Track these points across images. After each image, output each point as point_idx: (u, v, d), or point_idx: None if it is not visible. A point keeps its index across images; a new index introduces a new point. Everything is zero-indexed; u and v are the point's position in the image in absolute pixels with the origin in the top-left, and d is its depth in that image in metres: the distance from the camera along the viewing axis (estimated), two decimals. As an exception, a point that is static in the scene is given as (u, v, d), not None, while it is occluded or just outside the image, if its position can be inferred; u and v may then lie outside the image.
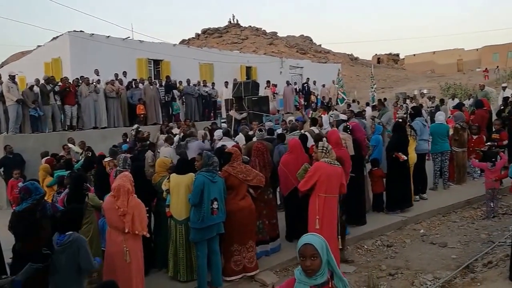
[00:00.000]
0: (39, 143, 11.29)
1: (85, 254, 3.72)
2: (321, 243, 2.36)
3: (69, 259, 3.70)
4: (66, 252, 3.71)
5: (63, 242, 3.72)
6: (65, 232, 3.76)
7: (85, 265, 3.73)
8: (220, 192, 5.12)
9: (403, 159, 7.41)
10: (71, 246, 3.70)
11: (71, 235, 3.74)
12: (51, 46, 18.62)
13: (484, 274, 4.89)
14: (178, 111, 15.37)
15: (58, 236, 3.79)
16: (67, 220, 3.86)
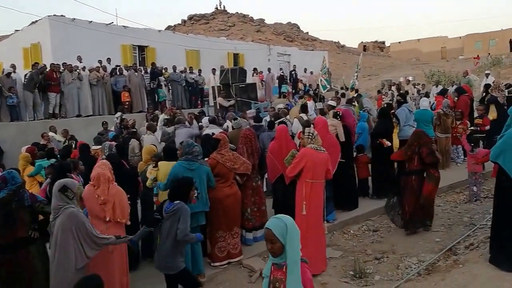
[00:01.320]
0: (19, 132, 11.03)
1: (183, 225, 3.95)
2: (282, 227, 2.42)
3: (172, 226, 3.98)
4: (171, 219, 4.00)
5: (169, 210, 4.01)
6: (174, 201, 4.03)
7: (179, 234, 3.94)
8: (202, 180, 4.99)
9: (387, 145, 7.49)
10: (175, 215, 3.98)
11: (177, 204, 4.02)
12: (29, 31, 18.10)
13: (466, 256, 5.00)
14: (164, 98, 15.18)
15: (167, 204, 4.09)
16: (177, 189, 4.16)
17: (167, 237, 4.02)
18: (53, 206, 3.83)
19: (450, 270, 4.74)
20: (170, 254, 4.03)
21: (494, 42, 43.54)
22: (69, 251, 3.71)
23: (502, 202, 4.40)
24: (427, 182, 6.16)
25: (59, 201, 3.79)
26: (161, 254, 4.09)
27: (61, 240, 3.71)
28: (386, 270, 5.33)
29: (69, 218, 3.72)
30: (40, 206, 4.07)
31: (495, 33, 45.24)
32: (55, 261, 3.77)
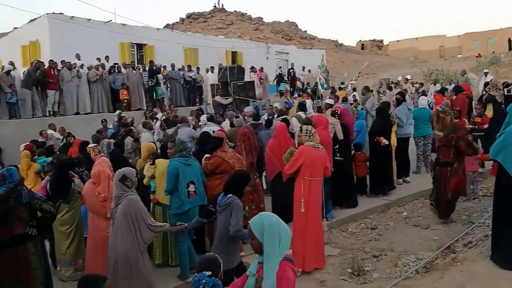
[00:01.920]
0: (18, 130, 11.01)
1: (235, 220, 3.87)
2: (259, 225, 2.44)
3: (225, 220, 3.93)
4: (224, 213, 3.96)
5: (222, 203, 3.97)
6: (227, 194, 3.98)
7: (231, 229, 3.87)
8: (197, 175, 5.09)
9: (384, 143, 7.50)
10: (227, 208, 3.93)
11: (230, 198, 3.96)
12: (28, 29, 18.07)
13: (465, 254, 5.02)
14: (163, 96, 15.17)
15: (221, 197, 4.05)
16: (232, 183, 4.07)
17: (222, 231, 3.96)
18: (114, 195, 4.12)
19: (448, 268, 4.75)
20: (226, 248, 3.95)
21: (493, 41, 43.57)
22: (128, 235, 3.97)
23: (502, 201, 4.40)
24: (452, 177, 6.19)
25: (119, 189, 4.07)
26: (216, 248, 3.98)
27: (122, 225, 3.99)
28: (384, 268, 5.34)
29: (128, 205, 4.00)
30: (37, 203, 4.06)
31: (493, 32, 45.27)
32: (117, 245, 4.02)
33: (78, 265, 5.14)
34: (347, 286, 4.89)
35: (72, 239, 5.11)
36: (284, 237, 2.46)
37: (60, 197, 5.04)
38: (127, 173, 4.14)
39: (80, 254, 5.12)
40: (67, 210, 5.06)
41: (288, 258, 2.48)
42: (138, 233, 4.00)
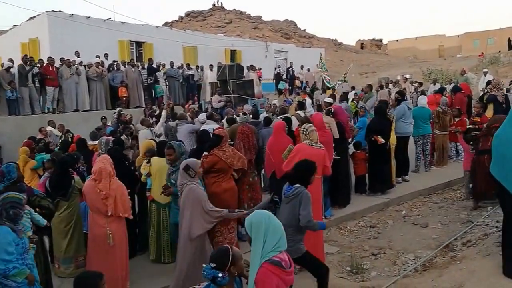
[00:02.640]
0: (17, 126, 11.00)
1: (305, 211, 3.80)
2: (249, 222, 2.45)
3: (291, 210, 3.86)
4: (291, 203, 3.88)
5: (289, 194, 3.89)
6: (294, 184, 3.89)
7: (302, 220, 3.81)
8: None
9: (380, 142, 7.48)
10: (295, 199, 3.85)
11: (297, 188, 3.87)
12: (28, 26, 18.06)
13: (463, 252, 5.01)
14: (162, 94, 15.15)
15: (286, 187, 3.97)
16: (298, 173, 3.97)
17: (286, 220, 3.82)
18: (178, 183, 4.39)
19: (447, 267, 4.74)
20: (292, 238, 3.78)
21: (492, 40, 43.53)
22: (188, 222, 4.19)
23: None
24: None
25: (183, 178, 4.31)
26: None
27: (183, 211, 4.26)
28: (383, 266, 5.34)
29: (187, 193, 4.23)
30: (37, 200, 4.05)
31: (493, 32, 45.23)
32: (181, 230, 4.32)
33: (79, 262, 5.14)
34: (345, 284, 4.88)
35: (71, 236, 5.09)
36: (272, 234, 2.41)
37: (60, 194, 5.02)
38: (191, 163, 4.35)
39: (81, 251, 5.11)
40: (65, 207, 5.05)
41: (273, 261, 2.40)
42: (197, 219, 4.20)
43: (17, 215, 3.45)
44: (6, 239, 3.25)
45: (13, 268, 3.24)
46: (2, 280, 3.25)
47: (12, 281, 3.27)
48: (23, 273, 3.33)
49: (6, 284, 3.26)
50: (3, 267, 3.19)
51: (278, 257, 2.42)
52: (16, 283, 3.29)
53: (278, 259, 2.41)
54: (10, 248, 3.24)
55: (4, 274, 3.21)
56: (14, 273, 3.26)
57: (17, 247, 3.33)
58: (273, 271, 2.38)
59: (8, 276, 3.24)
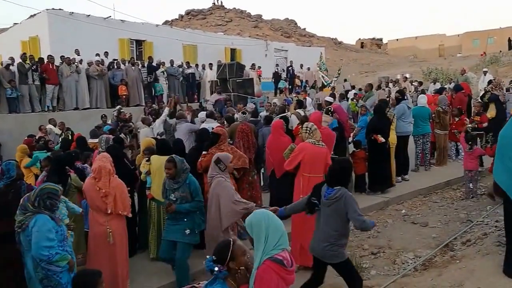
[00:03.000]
0: (17, 124, 11.00)
1: (355, 213, 3.70)
2: (249, 221, 2.45)
3: (334, 213, 3.76)
4: (333, 205, 3.77)
5: (331, 196, 3.78)
6: (334, 187, 3.79)
7: (356, 223, 3.74)
8: None
9: (380, 141, 7.49)
10: (338, 201, 3.74)
11: (339, 190, 3.76)
12: (28, 24, 18.04)
13: (463, 252, 5.01)
14: (161, 93, 15.14)
15: (327, 189, 3.84)
16: (337, 175, 3.85)
17: (328, 223, 3.80)
18: (208, 175, 4.56)
19: (447, 266, 4.75)
20: (336, 242, 3.80)
21: (492, 40, 43.49)
22: (217, 214, 4.35)
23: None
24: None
25: (213, 171, 4.48)
26: (321, 242, 3.83)
27: (210, 204, 4.43)
28: (382, 265, 5.35)
29: (217, 185, 4.41)
30: None
31: (493, 31, 45.18)
32: (210, 222, 4.49)
33: (79, 259, 5.11)
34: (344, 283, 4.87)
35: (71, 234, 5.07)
36: (273, 233, 2.40)
37: None
38: (222, 156, 4.49)
39: (81, 249, 5.10)
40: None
41: (274, 259, 2.39)
42: (225, 210, 4.35)
43: (53, 205, 3.61)
44: (46, 226, 3.42)
45: (56, 253, 3.40)
46: (47, 266, 3.41)
47: (55, 266, 3.44)
48: (65, 258, 3.50)
49: (50, 269, 3.43)
50: (47, 253, 3.35)
51: (280, 255, 2.40)
52: (60, 268, 3.47)
53: (280, 257, 2.40)
54: (51, 235, 3.41)
55: (48, 260, 3.37)
56: (57, 259, 3.42)
57: (57, 234, 3.49)
58: (274, 269, 2.37)
59: (52, 262, 3.40)
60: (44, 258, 3.36)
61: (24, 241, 3.52)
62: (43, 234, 3.37)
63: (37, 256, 3.37)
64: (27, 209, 3.50)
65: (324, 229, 3.84)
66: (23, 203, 3.54)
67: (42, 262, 3.39)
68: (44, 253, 3.34)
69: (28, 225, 3.44)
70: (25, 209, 3.51)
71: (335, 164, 4.01)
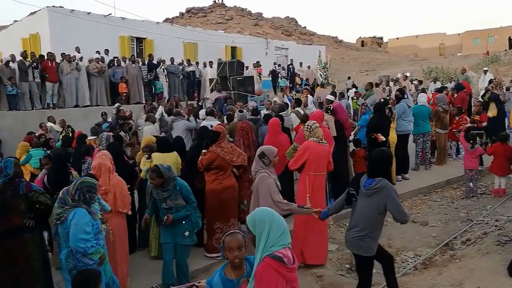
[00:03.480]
0: (17, 121, 10.99)
1: (397, 206, 3.66)
2: (252, 219, 2.44)
3: (373, 204, 3.73)
4: (373, 197, 3.72)
5: (371, 187, 3.73)
6: (374, 177, 3.74)
7: (398, 216, 3.69)
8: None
9: (381, 140, 7.48)
10: (379, 193, 3.69)
11: (381, 181, 3.70)
12: (28, 21, 17.99)
13: (463, 251, 5.03)
14: (162, 90, 15.13)
15: (367, 179, 3.80)
16: (377, 165, 3.81)
17: (364, 215, 3.79)
18: (252, 169, 4.47)
19: (446, 265, 4.76)
20: (369, 234, 3.79)
21: (493, 39, 43.43)
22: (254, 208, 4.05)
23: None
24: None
25: (257, 165, 4.36)
26: (361, 232, 3.81)
27: (253, 199, 4.33)
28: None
29: (259, 181, 4.29)
30: (34, 196, 4.03)
31: (494, 30, 45.12)
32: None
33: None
34: (345, 281, 4.89)
35: (71, 231, 5.07)
36: (275, 230, 2.40)
37: (58, 189, 5.00)
38: (266, 150, 4.40)
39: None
40: (64, 203, 5.02)
41: (274, 256, 2.37)
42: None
43: (92, 198, 3.73)
44: (84, 219, 3.52)
45: (91, 246, 3.50)
46: (81, 258, 3.50)
47: (89, 259, 3.51)
48: (99, 252, 3.59)
49: (83, 261, 3.51)
50: (83, 246, 3.45)
51: (280, 252, 2.38)
52: (93, 261, 3.53)
53: (280, 255, 2.38)
54: (88, 228, 3.51)
55: (83, 252, 3.47)
56: (92, 252, 3.51)
57: (92, 227, 3.59)
58: (273, 266, 2.35)
59: (87, 254, 3.49)
60: (80, 250, 3.46)
61: (62, 233, 3.61)
62: (81, 227, 3.48)
63: (74, 248, 3.48)
64: (66, 202, 3.59)
65: (359, 220, 3.83)
66: (62, 197, 3.62)
67: (78, 253, 3.49)
68: (81, 245, 3.45)
69: (66, 218, 3.55)
70: (64, 202, 3.60)
71: (376, 155, 3.93)
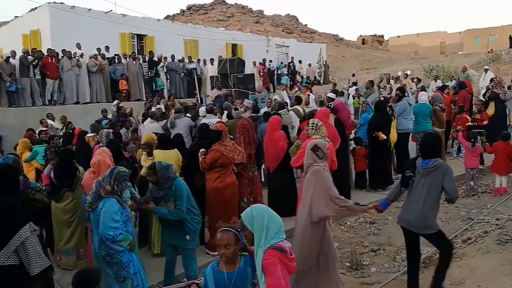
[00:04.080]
0: (18, 118, 10.99)
1: (450, 181, 3.86)
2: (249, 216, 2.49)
3: (431, 183, 3.91)
4: (430, 175, 3.91)
5: (428, 166, 3.92)
6: (429, 158, 3.95)
7: (452, 193, 3.88)
8: None
9: (382, 138, 7.48)
10: (436, 171, 3.88)
11: (437, 161, 3.92)
12: (29, 18, 17.94)
13: (464, 250, 5.02)
14: (162, 87, 15.11)
15: (422, 161, 4.00)
16: (431, 147, 4.04)
17: (424, 194, 3.93)
18: (304, 163, 4.26)
19: (447, 264, 4.74)
20: (429, 212, 3.95)
21: (494, 38, 43.32)
22: (307, 203, 4.05)
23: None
24: None
25: (309, 159, 4.18)
26: (416, 213, 3.97)
27: (304, 193, 4.15)
28: (382, 262, 5.35)
29: (313, 174, 4.09)
30: (31, 193, 4.00)
31: (495, 29, 45.01)
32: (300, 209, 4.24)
33: (80, 253, 5.15)
34: (345, 279, 4.87)
35: (75, 227, 5.09)
36: (273, 226, 2.48)
37: (65, 185, 5.02)
38: (320, 143, 4.30)
39: (82, 243, 5.11)
40: (71, 198, 5.05)
41: (275, 247, 2.46)
42: (318, 203, 4.00)
43: (127, 186, 4.03)
44: (113, 208, 3.73)
45: (120, 234, 3.70)
46: (111, 245, 3.72)
47: (118, 246, 3.74)
48: (128, 239, 3.79)
49: (113, 248, 3.74)
50: (112, 233, 3.66)
51: (279, 245, 2.47)
52: (122, 247, 3.75)
53: (281, 246, 2.47)
54: (116, 217, 3.73)
55: (112, 239, 3.68)
56: (121, 239, 3.71)
57: (122, 215, 3.81)
58: (277, 256, 2.43)
59: (116, 241, 3.71)
60: (109, 237, 3.67)
61: (93, 219, 3.86)
62: (110, 215, 3.69)
63: (103, 235, 3.68)
64: (99, 194, 3.80)
65: (419, 201, 3.97)
66: (96, 191, 3.81)
67: (108, 240, 3.70)
68: (109, 232, 3.65)
69: (97, 206, 3.78)
70: (98, 195, 3.80)
71: (426, 138, 4.26)
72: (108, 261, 3.80)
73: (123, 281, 3.80)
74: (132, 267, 3.85)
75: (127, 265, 3.81)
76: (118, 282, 3.81)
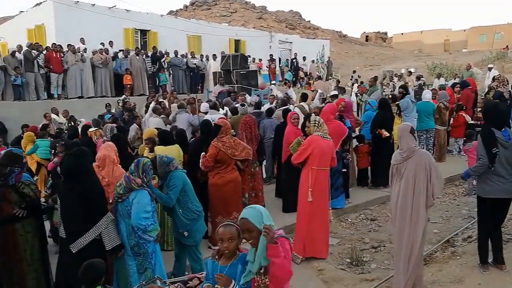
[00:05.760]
0: (23, 111, 11.06)
1: None
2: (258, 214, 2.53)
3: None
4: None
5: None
6: (503, 128, 4.24)
7: None
8: None
9: (385, 135, 7.49)
10: None
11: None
12: (34, 13, 17.94)
13: (464, 248, 5.05)
14: (165, 83, 15.14)
15: (503, 132, 4.24)
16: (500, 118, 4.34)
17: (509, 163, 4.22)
18: (407, 148, 4.09)
19: (447, 261, 4.78)
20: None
21: (499, 35, 43.02)
22: (420, 187, 4.00)
23: None
24: None
25: (411, 142, 4.12)
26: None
27: (413, 178, 4.01)
28: (382, 259, 5.38)
29: (421, 157, 4.03)
30: (21, 187, 4.00)
31: (500, 27, 44.67)
32: (400, 194, 4.14)
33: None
34: (345, 275, 4.91)
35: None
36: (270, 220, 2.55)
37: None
38: (410, 125, 4.37)
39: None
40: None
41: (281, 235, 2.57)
42: (436, 182, 4.02)
43: (152, 174, 4.15)
44: (146, 199, 3.87)
45: (151, 224, 3.84)
46: (142, 235, 3.83)
47: (148, 236, 3.86)
48: (157, 229, 3.96)
49: (143, 237, 3.85)
50: (144, 223, 3.79)
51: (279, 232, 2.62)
52: (152, 238, 3.89)
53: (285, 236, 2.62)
54: (148, 208, 3.86)
55: (144, 229, 3.80)
56: (151, 229, 3.85)
57: (152, 207, 3.93)
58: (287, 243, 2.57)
59: (147, 231, 3.83)
60: (142, 228, 3.78)
61: (122, 210, 3.92)
62: (143, 206, 3.81)
63: (136, 225, 3.79)
64: (131, 188, 3.88)
65: (509, 168, 4.23)
66: (127, 185, 3.88)
67: (139, 231, 3.81)
68: (142, 223, 3.77)
69: (128, 197, 3.87)
70: (130, 189, 3.88)
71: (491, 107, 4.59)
72: (135, 251, 3.89)
73: (144, 271, 3.90)
74: (154, 258, 3.96)
75: (151, 256, 3.92)
76: (138, 273, 3.90)
